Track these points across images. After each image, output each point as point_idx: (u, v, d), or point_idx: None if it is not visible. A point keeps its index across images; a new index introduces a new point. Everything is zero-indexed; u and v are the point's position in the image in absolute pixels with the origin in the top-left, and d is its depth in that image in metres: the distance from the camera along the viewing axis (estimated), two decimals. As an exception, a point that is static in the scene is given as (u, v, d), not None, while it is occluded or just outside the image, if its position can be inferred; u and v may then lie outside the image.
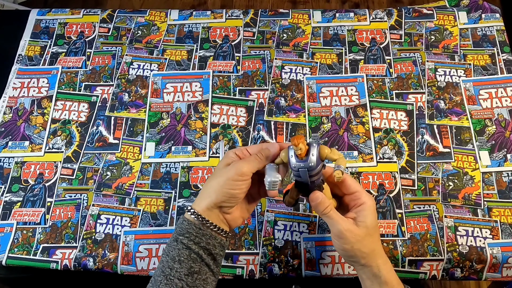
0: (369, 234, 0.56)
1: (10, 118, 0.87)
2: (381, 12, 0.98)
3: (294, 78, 0.90)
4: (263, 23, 0.97)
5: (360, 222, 0.56)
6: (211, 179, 0.57)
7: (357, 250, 0.56)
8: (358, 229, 0.56)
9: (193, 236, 0.54)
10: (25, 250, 0.75)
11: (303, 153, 0.52)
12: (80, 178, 0.81)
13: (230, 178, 0.54)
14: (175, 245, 0.54)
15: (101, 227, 0.76)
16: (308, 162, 0.52)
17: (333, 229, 0.56)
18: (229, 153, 0.58)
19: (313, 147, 0.52)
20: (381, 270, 0.57)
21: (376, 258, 0.58)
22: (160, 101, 0.88)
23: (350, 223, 0.56)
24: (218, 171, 0.57)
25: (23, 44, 0.96)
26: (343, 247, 0.56)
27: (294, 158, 0.53)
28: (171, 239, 0.55)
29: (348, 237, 0.55)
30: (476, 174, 0.79)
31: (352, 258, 0.58)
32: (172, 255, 0.53)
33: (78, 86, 0.90)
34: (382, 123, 0.85)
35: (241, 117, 0.86)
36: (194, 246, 0.53)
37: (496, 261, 0.72)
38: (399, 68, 0.90)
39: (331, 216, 0.56)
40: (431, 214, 0.76)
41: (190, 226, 0.54)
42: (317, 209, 0.56)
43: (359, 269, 0.59)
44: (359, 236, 0.56)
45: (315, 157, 0.52)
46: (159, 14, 0.99)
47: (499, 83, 0.88)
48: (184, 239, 0.53)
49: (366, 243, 0.56)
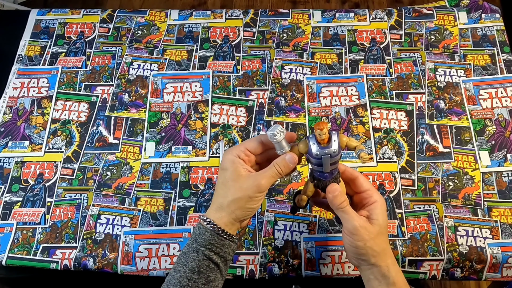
0: (381, 232, 0.56)
1: (10, 118, 0.87)
2: (381, 12, 0.98)
3: (294, 78, 0.90)
4: (263, 23, 0.97)
5: (374, 220, 0.56)
6: (227, 191, 0.55)
7: (369, 248, 0.55)
8: (371, 227, 0.55)
9: (215, 247, 0.55)
10: (25, 250, 0.75)
11: (327, 138, 0.52)
12: (80, 178, 0.81)
13: (251, 196, 0.54)
14: (195, 256, 0.54)
15: (101, 227, 0.76)
16: (331, 148, 0.52)
17: (347, 225, 0.55)
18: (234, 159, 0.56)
19: (333, 134, 0.53)
20: (390, 270, 0.56)
21: (386, 257, 0.57)
22: (160, 101, 0.88)
23: (364, 220, 0.56)
24: (234, 184, 0.55)
25: (23, 44, 0.96)
26: (356, 244, 0.55)
27: (316, 146, 0.53)
28: (189, 249, 0.55)
29: (362, 234, 0.54)
30: (476, 174, 0.79)
31: (362, 256, 0.56)
32: (192, 266, 0.54)
33: (78, 86, 0.90)
34: (382, 123, 0.85)
35: (241, 117, 0.86)
36: (214, 256, 0.55)
37: (496, 261, 0.72)
38: (399, 68, 0.90)
39: (347, 211, 0.55)
40: (431, 214, 0.76)
41: (213, 238, 0.55)
42: (334, 202, 0.56)
43: (367, 269, 0.58)
44: (372, 234, 0.55)
45: (337, 143, 0.53)
46: (159, 14, 0.99)
47: (499, 83, 0.88)
48: (206, 251, 0.54)
49: (378, 242, 0.56)
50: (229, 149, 0.57)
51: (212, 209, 0.57)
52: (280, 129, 0.53)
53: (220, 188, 0.56)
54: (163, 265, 0.73)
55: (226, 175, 0.56)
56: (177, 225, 0.76)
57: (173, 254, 0.74)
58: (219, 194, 0.56)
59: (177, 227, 0.76)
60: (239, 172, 0.55)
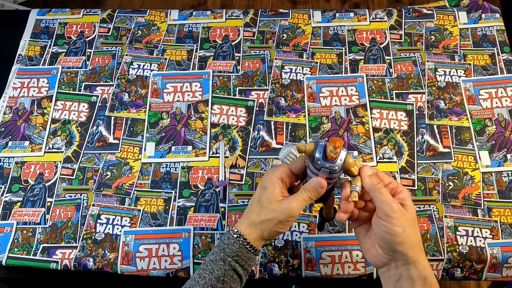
0: (415, 222, 0.51)
1: (10, 118, 0.87)
2: (381, 12, 0.98)
3: (294, 78, 0.90)
4: (263, 23, 0.97)
5: (408, 206, 0.51)
6: (261, 209, 0.55)
7: (407, 236, 0.49)
8: (407, 213, 0.50)
9: (241, 259, 0.55)
10: (25, 250, 0.75)
11: (335, 156, 0.51)
12: (80, 178, 0.81)
13: (282, 221, 0.54)
14: (221, 264, 0.55)
15: (101, 227, 0.76)
16: (334, 165, 0.51)
17: (384, 207, 0.50)
18: (276, 180, 0.55)
19: (342, 152, 0.51)
20: (427, 269, 0.51)
21: (423, 253, 0.51)
22: (160, 101, 0.88)
23: (399, 205, 0.50)
24: (269, 205, 0.54)
25: (23, 44, 0.96)
26: (394, 230, 0.49)
27: (321, 155, 0.51)
28: (216, 257, 0.56)
29: (400, 218, 0.49)
30: (476, 174, 0.79)
31: (398, 246, 0.50)
32: (217, 275, 0.54)
33: (78, 86, 0.90)
34: (382, 123, 0.85)
35: (241, 117, 0.86)
36: (239, 268, 0.55)
37: (496, 261, 0.72)
38: (399, 68, 0.90)
39: (383, 192, 0.50)
40: (431, 214, 0.76)
41: (241, 250, 0.55)
42: (368, 182, 0.52)
43: (400, 265, 0.51)
44: (409, 220, 0.50)
45: (342, 162, 0.51)
46: (159, 14, 0.99)
47: (499, 83, 0.88)
48: (232, 262, 0.55)
49: (415, 231, 0.50)
50: (273, 168, 0.57)
51: (243, 223, 0.57)
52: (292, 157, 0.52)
53: (255, 205, 0.57)
54: (163, 265, 0.73)
55: (264, 194, 0.55)
56: (177, 225, 0.76)
57: (173, 254, 0.74)
58: (253, 210, 0.56)
59: (177, 227, 0.76)
60: (276, 195, 0.55)
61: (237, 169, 0.81)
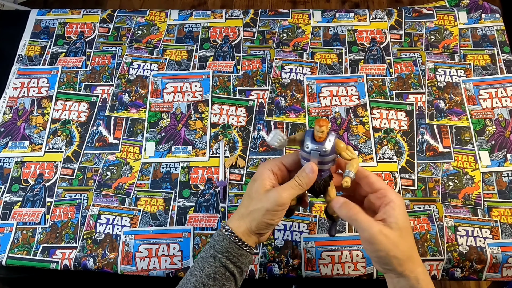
0: (403, 236, 0.50)
1: (10, 118, 0.87)
2: (381, 12, 0.98)
3: (294, 78, 0.90)
4: (263, 23, 0.97)
5: (392, 223, 0.49)
6: (250, 201, 0.55)
7: (393, 258, 0.49)
8: (391, 232, 0.49)
9: (232, 255, 0.54)
10: (25, 250, 0.75)
11: (323, 137, 0.51)
12: (80, 178, 0.81)
13: (270, 210, 0.52)
14: (212, 261, 0.54)
15: (101, 227, 0.76)
16: (323, 146, 0.51)
17: (364, 234, 0.50)
18: (265, 171, 0.55)
19: (331, 135, 0.52)
20: (420, 282, 0.50)
21: (415, 266, 0.51)
22: (160, 101, 0.88)
23: (381, 225, 0.50)
24: (257, 195, 0.54)
25: (23, 44, 0.96)
26: (377, 254, 0.50)
27: (310, 139, 0.52)
28: (207, 254, 0.55)
29: (382, 242, 0.49)
30: (476, 174, 0.79)
31: (387, 266, 0.51)
32: (208, 272, 0.54)
33: (78, 86, 0.90)
34: (382, 123, 0.85)
35: (241, 117, 0.86)
36: (231, 265, 0.54)
37: (496, 261, 0.72)
38: (399, 68, 0.90)
39: (360, 219, 0.50)
40: (431, 214, 0.76)
41: (231, 246, 0.54)
42: (342, 212, 0.52)
43: (394, 277, 0.52)
44: (393, 240, 0.49)
45: (331, 143, 0.51)
46: (159, 14, 0.99)
47: (499, 83, 0.88)
48: (222, 258, 0.54)
49: (402, 248, 0.50)
50: (265, 161, 0.57)
51: (233, 218, 0.56)
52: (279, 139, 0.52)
53: (245, 199, 0.56)
54: (163, 265, 0.73)
55: (253, 186, 0.55)
56: (177, 225, 0.76)
57: (173, 254, 0.74)
58: (243, 204, 0.56)
59: (177, 227, 0.76)
60: (264, 185, 0.54)
61: (237, 169, 0.81)
